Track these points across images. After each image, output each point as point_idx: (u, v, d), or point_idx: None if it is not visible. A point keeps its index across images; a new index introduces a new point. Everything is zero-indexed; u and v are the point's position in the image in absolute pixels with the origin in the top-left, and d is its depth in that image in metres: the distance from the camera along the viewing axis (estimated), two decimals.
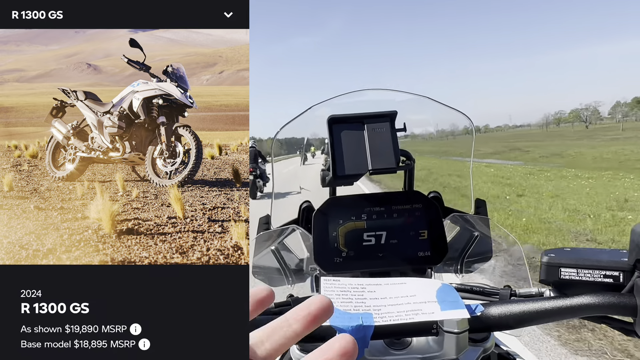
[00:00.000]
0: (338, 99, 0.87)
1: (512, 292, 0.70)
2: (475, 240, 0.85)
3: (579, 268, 0.58)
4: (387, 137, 0.72)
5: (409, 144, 0.83)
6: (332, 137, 0.72)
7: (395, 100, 0.86)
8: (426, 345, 0.62)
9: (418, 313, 0.55)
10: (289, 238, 0.88)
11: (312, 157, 1.03)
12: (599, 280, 0.56)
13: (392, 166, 0.71)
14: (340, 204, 0.77)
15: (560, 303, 0.55)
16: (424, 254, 0.75)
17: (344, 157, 0.71)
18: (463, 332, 0.56)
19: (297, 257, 0.92)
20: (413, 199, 0.77)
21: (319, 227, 0.75)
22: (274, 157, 0.94)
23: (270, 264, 0.87)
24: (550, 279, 0.61)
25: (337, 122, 0.73)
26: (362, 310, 0.56)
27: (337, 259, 0.74)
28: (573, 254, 0.60)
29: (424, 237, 0.75)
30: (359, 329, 0.53)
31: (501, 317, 0.57)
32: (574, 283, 0.58)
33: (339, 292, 0.59)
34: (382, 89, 0.90)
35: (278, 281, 0.89)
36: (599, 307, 0.54)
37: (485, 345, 0.71)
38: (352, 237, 0.75)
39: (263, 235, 0.86)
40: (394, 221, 0.76)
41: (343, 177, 0.72)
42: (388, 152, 0.71)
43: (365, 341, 0.53)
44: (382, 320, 0.54)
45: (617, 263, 0.56)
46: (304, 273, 0.91)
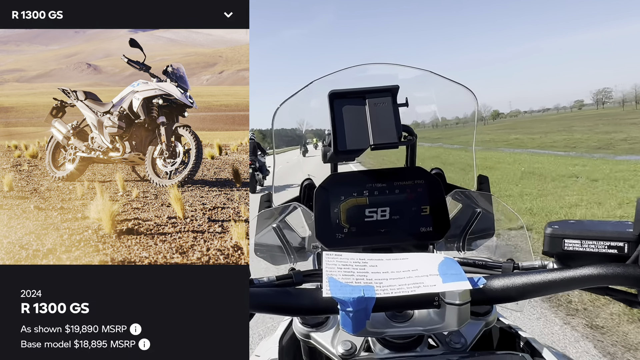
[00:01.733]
0: (339, 74, 0.86)
1: (515, 265, 0.69)
2: (478, 216, 0.84)
3: (582, 239, 0.57)
4: (389, 111, 0.71)
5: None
6: (333, 112, 0.72)
7: (398, 77, 0.85)
8: (428, 318, 0.62)
9: (420, 286, 0.55)
10: (291, 216, 0.87)
11: (315, 149, 1.03)
12: (603, 251, 0.56)
13: (393, 141, 0.70)
14: (341, 180, 0.76)
15: (563, 274, 0.55)
16: (426, 229, 0.74)
17: (345, 132, 0.71)
18: (465, 304, 0.55)
19: (298, 234, 0.92)
20: (415, 174, 0.76)
21: (320, 204, 0.75)
22: (275, 138, 0.92)
23: (272, 241, 0.86)
24: (553, 251, 0.60)
25: (338, 97, 0.72)
26: (363, 283, 0.56)
27: (339, 234, 0.74)
28: (577, 225, 0.60)
29: (426, 213, 0.74)
30: (360, 301, 0.53)
31: (504, 289, 0.56)
32: (578, 254, 0.58)
33: (341, 266, 0.60)
34: (383, 63, 0.89)
35: (280, 259, 0.89)
36: (602, 278, 0.53)
37: (487, 319, 0.71)
38: (353, 213, 0.74)
39: (265, 213, 0.85)
40: (396, 197, 0.75)
41: (344, 152, 0.71)
42: (390, 127, 0.70)
43: (366, 313, 0.53)
44: (384, 293, 0.54)
45: (621, 234, 0.55)
46: (305, 251, 0.91)
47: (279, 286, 0.65)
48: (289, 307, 0.58)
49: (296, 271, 0.69)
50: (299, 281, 0.67)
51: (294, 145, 1.16)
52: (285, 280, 0.66)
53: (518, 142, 32.54)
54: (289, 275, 0.67)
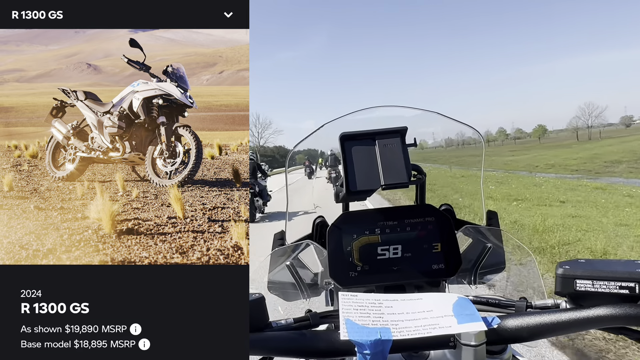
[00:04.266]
0: (350, 115, 0.89)
1: (528, 304, 0.70)
2: (488, 251, 0.86)
3: (594, 280, 0.58)
4: (399, 152, 0.73)
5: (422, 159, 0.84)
6: (345, 154, 0.74)
7: (405, 116, 0.88)
8: (444, 359, 0.63)
9: (435, 327, 0.56)
10: (303, 253, 0.89)
11: (320, 169, 1.05)
12: (615, 291, 0.57)
13: (404, 181, 0.72)
14: (354, 219, 0.78)
15: (577, 315, 0.56)
16: (438, 266, 0.76)
17: (356, 173, 0.73)
18: (480, 345, 0.56)
19: (311, 271, 0.93)
20: (425, 212, 0.79)
21: (333, 242, 0.77)
22: (288, 170, 0.96)
23: (285, 279, 0.88)
24: (565, 291, 0.61)
25: (349, 139, 0.75)
26: (380, 325, 0.57)
27: (352, 273, 0.75)
28: (588, 265, 0.61)
29: (437, 250, 0.76)
30: (377, 344, 0.54)
31: (518, 329, 0.57)
32: (590, 294, 0.59)
33: (357, 307, 0.61)
34: (392, 105, 0.92)
35: (293, 296, 0.91)
36: (615, 319, 0.54)
37: (502, 357, 0.71)
38: (366, 251, 0.76)
39: (278, 251, 0.87)
40: (408, 235, 0.77)
41: (356, 192, 0.73)
42: (400, 167, 0.72)
43: (383, 355, 0.54)
44: (400, 335, 0.55)
45: (632, 274, 0.56)
46: (318, 287, 0.93)
47: (297, 329, 0.65)
48: (307, 350, 0.59)
49: (313, 313, 0.69)
50: (316, 323, 0.68)
51: (296, 165, 1.18)
52: (302, 323, 0.67)
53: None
54: (306, 318, 0.68)
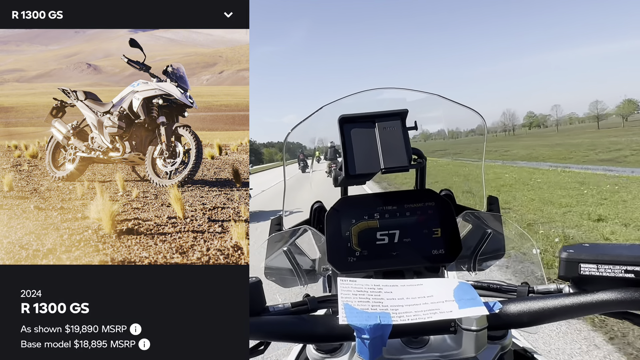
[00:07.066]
0: (348, 99, 0.87)
1: (530, 288, 0.69)
2: (488, 237, 0.85)
3: (599, 263, 0.57)
4: (399, 135, 0.72)
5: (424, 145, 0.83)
6: (344, 137, 0.72)
7: (406, 99, 0.86)
8: (444, 344, 0.62)
9: (436, 312, 0.55)
10: (301, 238, 0.88)
11: (318, 162, 1.03)
12: (620, 275, 0.56)
13: (404, 164, 0.70)
14: (352, 203, 0.77)
15: (580, 299, 0.55)
16: (438, 252, 0.74)
17: (355, 156, 0.71)
18: (482, 330, 0.55)
19: (309, 257, 0.92)
20: (425, 197, 0.77)
21: (332, 227, 0.75)
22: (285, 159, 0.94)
23: (282, 264, 0.87)
24: (569, 275, 0.60)
25: (348, 122, 0.73)
26: (379, 310, 0.56)
27: (351, 258, 0.74)
28: (592, 249, 0.60)
29: (437, 235, 0.75)
30: (376, 328, 0.53)
31: (520, 314, 0.56)
32: (594, 279, 0.58)
33: (356, 292, 0.60)
34: (392, 87, 0.90)
35: (290, 282, 0.89)
36: (620, 303, 0.53)
37: (503, 343, 0.71)
38: (365, 237, 0.75)
39: (275, 236, 0.86)
40: (407, 220, 0.76)
41: (355, 176, 0.71)
42: (400, 150, 0.71)
43: (383, 340, 0.53)
44: (400, 320, 0.54)
45: (637, 258, 0.55)
46: (316, 273, 0.91)
47: (294, 313, 0.65)
48: (305, 335, 0.58)
49: (311, 297, 0.68)
50: (314, 308, 0.66)
51: (289, 160, 1.16)
52: (300, 307, 0.66)
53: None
54: (303, 302, 0.67)
